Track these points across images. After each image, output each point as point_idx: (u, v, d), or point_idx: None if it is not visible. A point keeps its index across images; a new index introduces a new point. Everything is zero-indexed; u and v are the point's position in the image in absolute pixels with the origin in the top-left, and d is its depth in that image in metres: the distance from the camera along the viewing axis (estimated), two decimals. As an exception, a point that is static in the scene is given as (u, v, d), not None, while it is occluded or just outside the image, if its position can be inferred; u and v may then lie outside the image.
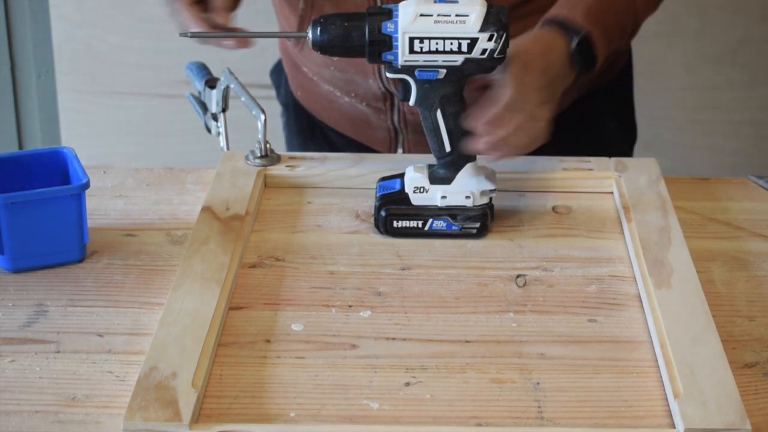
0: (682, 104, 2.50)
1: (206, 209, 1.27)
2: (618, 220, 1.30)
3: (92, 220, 1.26)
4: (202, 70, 1.48)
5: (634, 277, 1.19)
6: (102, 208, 1.32)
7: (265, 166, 1.37)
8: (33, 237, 1.19)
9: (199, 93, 1.46)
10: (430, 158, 1.28)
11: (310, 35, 1.21)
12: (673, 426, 0.99)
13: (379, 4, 1.39)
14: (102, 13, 2.42)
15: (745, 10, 2.42)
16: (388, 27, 1.19)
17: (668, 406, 1.01)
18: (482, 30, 1.18)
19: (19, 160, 1.27)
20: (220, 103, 1.42)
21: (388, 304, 1.15)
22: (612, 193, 1.35)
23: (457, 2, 1.19)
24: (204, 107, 1.45)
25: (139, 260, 1.22)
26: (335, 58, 1.45)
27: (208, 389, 1.03)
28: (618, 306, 1.15)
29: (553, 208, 1.33)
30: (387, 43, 1.19)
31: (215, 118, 1.43)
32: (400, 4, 1.20)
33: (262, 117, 1.35)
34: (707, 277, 1.19)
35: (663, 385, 1.04)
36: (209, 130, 1.45)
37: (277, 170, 1.36)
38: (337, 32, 1.20)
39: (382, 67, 1.43)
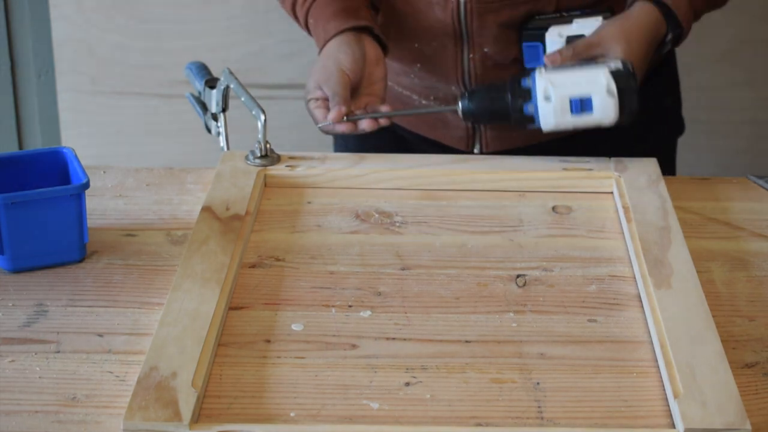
0: (682, 104, 2.50)
1: (206, 209, 1.27)
2: (618, 220, 1.30)
3: (92, 220, 1.26)
4: (202, 70, 1.48)
5: (634, 277, 1.19)
6: (102, 208, 1.32)
7: (265, 166, 1.37)
8: (33, 237, 1.19)
9: (199, 93, 1.46)
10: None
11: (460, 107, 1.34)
12: (673, 426, 0.99)
13: (457, 24, 1.43)
14: (102, 13, 2.41)
15: (745, 10, 2.42)
16: (526, 82, 1.32)
17: (668, 406, 1.01)
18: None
19: (19, 160, 1.27)
20: (220, 103, 1.42)
21: (388, 304, 1.15)
22: (612, 193, 1.35)
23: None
24: (204, 107, 1.45)
25: (139, 260, 1.22)
26: (417, 66, 1.49)
27: (208, 389, 1.03)
28: (618, 306, 1.15)
29: (553, 208, 1.33)
30: (526, 96, 1.32)
31: (215, 118, 1.44)
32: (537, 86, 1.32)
33: (262, 117, 1.35)
34: (707, 277, 1.19)
35: (663, 385, 1.04)
36: (209, 130, 1.45)
37: (277, 170, 1.37)
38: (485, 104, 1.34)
39: (466, 72, 1.47)
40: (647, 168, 1.37)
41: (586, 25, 1.40)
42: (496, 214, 1.31)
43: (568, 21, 1.40)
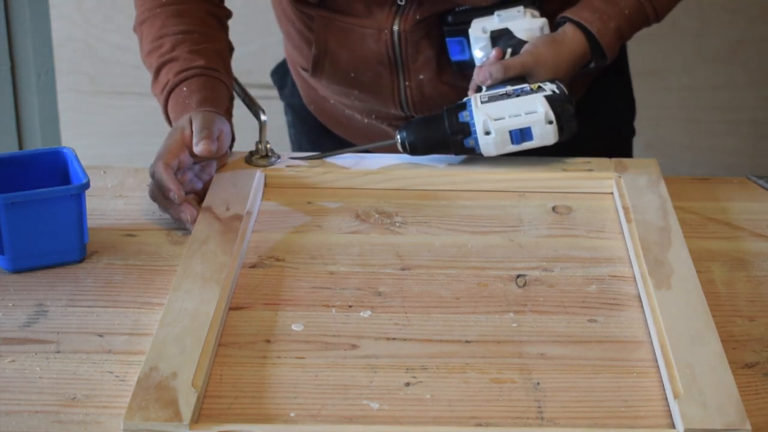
0: (682, 104, 2.50)
1: (206, 209, 1.27)
2: (618, 221, 1.30)
3: (92, 220, 1.26)
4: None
5: (634, 278, 1.19)
6: (102, 208, 1.32)
7: (265, 166, 1.37)
8: (33, 237, 1.19)
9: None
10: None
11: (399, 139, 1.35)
12: (673, 426, 0.99)
13: (391, 54, 1.43)
14: (102, 13, 2.42)
15: (745, 9, 2.42)
16: (464, 116, 1.33)
17: (668, 406, 1.01)
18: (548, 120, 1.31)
19: (19, 160, 1.27)
20: (220, 103, 1.42)
21: (388, 304, 1.15)
22: (612, 193, 1.35)
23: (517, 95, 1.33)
24: (204, 107, 1.45)
25: (139, 260, 1.22)
26: (355, 92, 1.49)
27: (208, 389, 1.03)
28: (618, 306, 1.15)
29: (553, 208, 1.33)
30: (465, 131, 1.33)
31: (215, 118, 1.43)
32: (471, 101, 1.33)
33: (262, 117, 1.35)
34: (707, 277, 1.19)
35: (663, 385, 1.04)
36: (209, 130, 1.45)
37: (277, 170, 1.36)
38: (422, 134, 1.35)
39: (403, 100, 1.48)
40: (647, 168, 1.37)
41: (507, 17, 1.40)
42: (496, 214, 1.31)
43: (489, 13, 1.41)
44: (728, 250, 1.25)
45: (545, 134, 1.31)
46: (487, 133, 1.32)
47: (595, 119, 1.52)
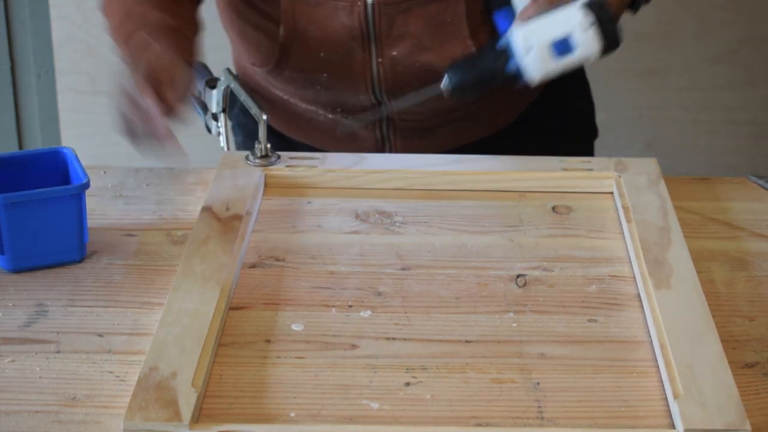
0: (682, 104, 2.50)
1: (206, 209, 1.27)
2: (618, 220, 1.30)
3: (92, 220, 1.26)
4: (202, 70, 1.48)
5: (634, 278, 1.19)
6: (102, 208, 1.32)
7: (265, 166, 1.37)
8: (33, 237, 1.19)
9: (199, 93, 1.46)
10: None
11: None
12: (673, 426, 0.99)
13: (365, 28, 1.40)
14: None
15: (745, 10, 2.42)
16: (503, 41, 1.29)
17: (668, 406, 1.01)
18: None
19: (19, 160, 1.27)
20: (220, 103, 1.42)
21: (388, 304, 1.15)
22: (612, 193, 1.35)
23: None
24: (204, 107, 1.45)
25: (139, 260, 1.22)
26: (324, 76, 1.45)
27: (208, 389, 1.03)
28: (618, 306, 1.15)
29: (553, 208, 1.33)
30: (507, 54, 1.29)
31: (215, 118, 1.43)
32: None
33: (263, 117, 1.35)
34: (707, 277, 1.19)
35: (663, 386, 1.04)
36: (209, 130, 1.45)
37: (277, 170, 1.36)
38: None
39: (375, 79, 1.44)
40: (647, 168, 1.37)
41: None
42: (496, 214, 1.31)
43: None
44: (728, 250, 1.25)
45: (587, 41, 1.27)
46: (528, 49, 1.28)
47: (558, 119, 1.52)
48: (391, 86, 1.45)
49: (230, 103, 1.58)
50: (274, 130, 1.59)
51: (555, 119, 1.60)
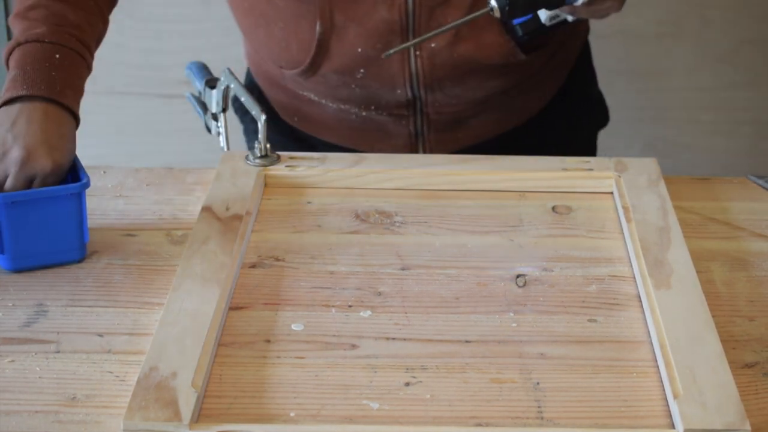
0: (683, 104, 2.50)
1: (206, 209, 1.27)
2: (618, 220, 1.30)
3: (92, 220, 1.26)
4: (203, 70, 1.48)
5: (634, 278, 1.19)
6: (102, 208, 1.32)
7: (265, 166, 1.37)
8: (33, 237, 1.19)
9: (199, 93, 1.46)
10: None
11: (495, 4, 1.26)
12: (673, 426, 0.99)
13: (404, 21, 1.40)
14: (102, 13, 2.41)
15: (746, 10, 2.42)
16: None
17: (668, 406, 1.01)
18: None
19: (19, 160, 1.27)
20: (220, 103, 1.42)
21: (388, 304, 1.15)
22: (612, 193, 1.35)
23: None
24: (204, 107, 1.45)
25: (139, 260, 1.22)
26: (360, 72, 1.45)
27: (208, 389, 1.03)
28: (618, 306, 1.15)
29: (553, 208, 1.33)
30: None
31: (215, 118, 1.44)
32: None
33: (262, 117, 1.35)
34: (707, 277, 1.19)
35: (663, 386, 1.04)
36: (209, 130, 1.45)
37: (277, 170, 1.36)
38: None
39: (413, 73, 1.44)
40: (647, 168, 1.37)
41: None
42: (496, 214, 1.31)
43: None
44: (728, 250, 1.25)
45: None
46: None
47: (580, 106, 1.52)
48: (429, 80, 1.46)
49: (242, 112, 1.56)
50: (299, 133, 1.59)
51: (578, 106, 1.60)
